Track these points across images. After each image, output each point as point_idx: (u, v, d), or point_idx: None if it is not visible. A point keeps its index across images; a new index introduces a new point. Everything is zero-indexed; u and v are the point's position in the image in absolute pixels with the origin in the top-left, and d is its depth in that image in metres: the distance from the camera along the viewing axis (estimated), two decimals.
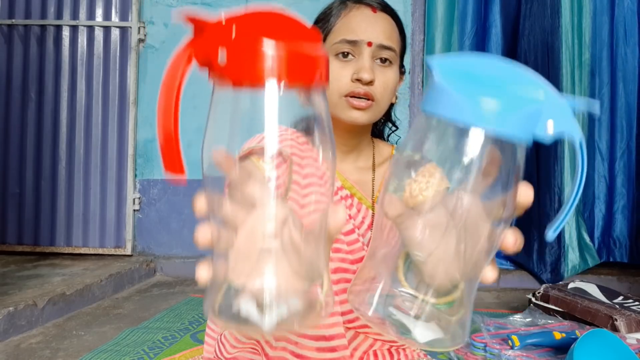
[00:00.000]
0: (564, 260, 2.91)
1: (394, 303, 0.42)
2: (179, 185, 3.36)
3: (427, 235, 0.42)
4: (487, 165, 0.40)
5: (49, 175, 3.33)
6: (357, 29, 0.83)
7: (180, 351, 1.85)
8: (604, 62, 3.16)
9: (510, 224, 0.42)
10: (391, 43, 0.83)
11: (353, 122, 0.83)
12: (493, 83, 0.39)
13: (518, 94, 0.39)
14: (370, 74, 0.80)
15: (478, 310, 2.34)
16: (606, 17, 3.14)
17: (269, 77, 0.34)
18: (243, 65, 0.34)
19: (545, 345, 1.72)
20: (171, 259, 3.29)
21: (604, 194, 3.19)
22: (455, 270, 0.42)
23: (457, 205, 0.41)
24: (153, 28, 3.37)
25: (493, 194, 0.41)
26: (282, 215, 0.39)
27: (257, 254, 0.38)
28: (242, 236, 0.39)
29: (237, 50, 0.34)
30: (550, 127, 0.40)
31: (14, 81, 3.34)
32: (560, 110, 0.40)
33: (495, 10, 3.24)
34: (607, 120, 3.18)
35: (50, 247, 3.30)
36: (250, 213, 0.39)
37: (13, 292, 2.31)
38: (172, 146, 0.35)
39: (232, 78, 0.35)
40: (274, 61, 0.34)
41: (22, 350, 1.91)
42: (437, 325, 0.42)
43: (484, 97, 0.38)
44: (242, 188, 0.39)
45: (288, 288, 0.38)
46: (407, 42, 0.96)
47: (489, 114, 0.37)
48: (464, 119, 0.38)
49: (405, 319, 0.42)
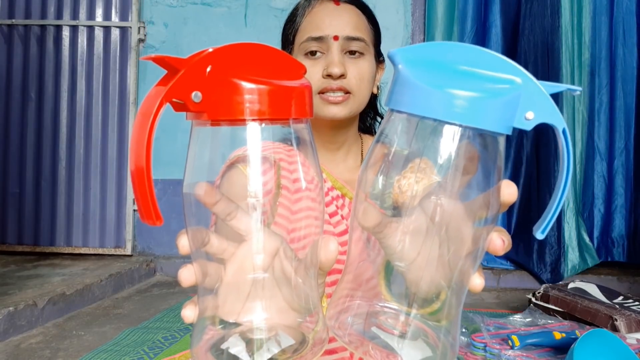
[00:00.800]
0: (564, 260, 2.91)
1: (376, 322, 0.39)
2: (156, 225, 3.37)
3: (407, 242, 0.39)
4: (465, 162, 0.37)
5: (49, 175, 3.33)
6: (321, 24, 0.81)
7: (180, 351, 1.85)
8: (603, 62, 3.16)
9: (495, 224, 0.39)
10: (359, 33, 0.82)
11: (333, 117, 0.81)
12: (464, 72, 0.35)
13: (492, 82, 0.35)
14: (340, 68, 0.79)
15: (478, 310, 2.34)
16: (605, 18, 3.14)
17: (247, 116, 0.34)
18: (219, 105, 0.34)
19: (545, 345, 1.72)
20: (171, 259, 3.29)
21: (603, 194, 3.19)
22: (440, 277, 0.39)
23: (436, 207, 0.38)
24: (153, 28, 3.38)
25: (474, 192, 0.38)
26: (273, 247, 0.38)
27: (247, 289, 0.37)
28: (231, 271, 0.37)
29: (213, 91, 0.34)
30: (529, 116, 0.36)
31: (14, 81, 3.34)
32: (539, 96, 0.35)
33: (495, 10, 3.24)
34: (606, 120, 3.18)
35: (50, 247, 3.30)
36: (238, 246, 0.38)
37: (13, 292, 2.31)
38: (145, 190, 0.33)
39: (209, 117, 0.34)
40: (250, 102, 0.33)
41: (22, 350, 1.91)
42: (425, 343, 0.38)
43: (455, 89, 0.34)
44: (229, 215, 0.38)
45: (279, 324, 0.36)
46: (407, 42, 0.96)
47: (461, 107, 0.33)
48: (434, 114, 0.34)
49: (390, 339, 0.38)
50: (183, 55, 0.34)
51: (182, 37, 3.37)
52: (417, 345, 0.38)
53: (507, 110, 0.35)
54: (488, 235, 0.38)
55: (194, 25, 3.37)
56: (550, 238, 2.95)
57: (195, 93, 0.33)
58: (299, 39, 0.83)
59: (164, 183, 3.38)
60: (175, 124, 3.36)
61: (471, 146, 0.36)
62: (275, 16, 3.33)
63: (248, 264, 0.37)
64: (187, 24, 3.37)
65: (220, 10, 3.37)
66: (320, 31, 0.81)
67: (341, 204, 0.86)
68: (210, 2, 3.37)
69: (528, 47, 3.12)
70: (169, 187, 3.38)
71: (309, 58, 0.82)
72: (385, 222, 0.40)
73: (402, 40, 3.27)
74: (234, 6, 3.37)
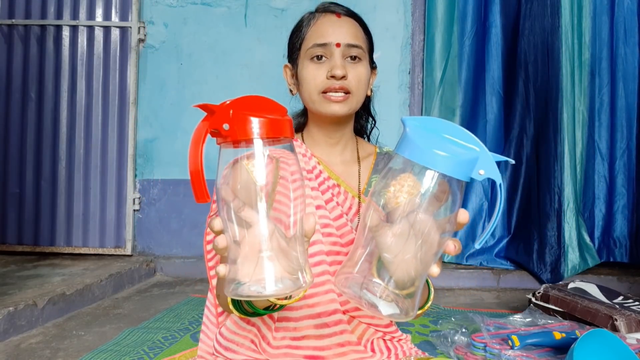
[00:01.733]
0: (564, 260, 2.91)
1: (366, 287, 0.61)
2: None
3: (394, 242, 0.60)
4: (438, 194, 0.58)
5: (49, 175, 3.33)
6: (325, 33, 0.95)
7: (180, 351, 1.85)
8: (603, 62, 3.16)
9: (452, 235, 0.61)
10: (357, 41, 0.95)
11: (334, 114, 0.95)
12: (445, 139, 0.58)
13: (461, 148, 0.57)
14: (342, 70, 0.92)
15: (478, 310, 2.34)
16: (606, 17, 3.14)
17: (256, 137, 0.57)
18: (239, 131, 0.56)
19: (545, 345, 1.72)
20: (171, 259, 3.29)
21: (604, 194, 3.19)
22: (412, 269, 0.61)
23: (416, 220, 0.59)
24: (153, 28, 3.38)
25: (442, 214, 0.59)
26: (270, 230, 0.58)
27: (255, 260, 0.58)
28: (245, 248, 0.59)
29: (234, 123, 0.56)
30: (482, 172, 0.58)
31: (14, 81, 3.34)
32: (488, 161, 0.57)
33: (495, 10, 3.24)
34: (607, 120, 3.18)
35: (50, 247, 3.30)
36: (249, 231, 0.59)
37: (13, 292, 2.31)
38: (200, 183, 0.56)
39: (232, 139, 0.57)
40: (257, 128, 0.57)
41: (22, 350, 1.91)
42: (395, 304, 0.61)
43: (438, 150, 0.56)
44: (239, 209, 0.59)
45: (282, 274, 0.58)
46: (407, 42, 1.07)
47: (440, 161, 0.56)
48: (424, 163, 0.56)
49: (374, 299, 0.61)
50: (183, 55, 0.41)
51: (182, 37, 3.37)
52: (389, 305, 0.61)
53: (468, 167, 0.57)
54: (446, 242, 0.61)
55: (194, 25, 3.37)
56: (551, 238, 2.95)
57: (225, 124, 0.56)
58: (305, 46, 0.96)
59: (164, 183, 3.38)
60: (175, 125, 3.36)
61: (444, 185, 0.58)
62: (275, 16, 3.33)
63: (256, 243, 0.58)
64: (187, 24, 3.37)
65: (220, 10, 3.37)
66: (324, 39, 0.94)
67: (337, 192, 0.99)
68: (210, 2, 3.37)
69: (528, 47, 3.12)
70: (168, 187, 3.38)
71: (314, 62, 0.95)
72: (381, 225, 0.61)
73: (402, 40, 3.27)
74: (234, 6, 3.37)
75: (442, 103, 3.24)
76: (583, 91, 3.09)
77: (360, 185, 1.01)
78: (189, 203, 3.35)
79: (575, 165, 3.02)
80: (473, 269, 3.10)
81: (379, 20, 3.23)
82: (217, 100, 0.60)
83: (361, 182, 1.01)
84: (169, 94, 3.37)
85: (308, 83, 0.95)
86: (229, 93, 3.71)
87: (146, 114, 3.38)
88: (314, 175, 0.97)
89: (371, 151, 1.06)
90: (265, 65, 3.26)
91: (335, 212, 0.96)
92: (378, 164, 1.04)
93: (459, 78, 3.25)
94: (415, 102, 3.28)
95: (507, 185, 3.24)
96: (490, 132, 3.26)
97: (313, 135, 1.02)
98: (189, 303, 2.55)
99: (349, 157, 1.03)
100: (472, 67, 3.26)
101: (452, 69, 3.24)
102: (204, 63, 3.36)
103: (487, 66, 3.26)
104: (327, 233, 0.93)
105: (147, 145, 3.38)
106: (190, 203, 3.33)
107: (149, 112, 3.38)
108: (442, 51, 3.23)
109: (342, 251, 0.94)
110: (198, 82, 3.36)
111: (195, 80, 3.37)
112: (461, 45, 3.24)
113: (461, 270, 3.07)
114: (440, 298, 2.73)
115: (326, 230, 0.94)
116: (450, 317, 2.19)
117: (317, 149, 1.01)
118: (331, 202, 0.96)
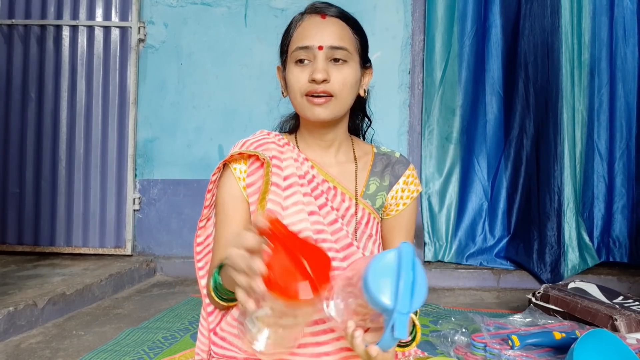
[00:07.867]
0: (564, 260, 2.91)
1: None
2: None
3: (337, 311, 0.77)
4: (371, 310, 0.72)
5: (49, 175, 3.33)
6: (308, 35, 0.93)
7: (180, 351, 1.85)
8: (603, 62, 3.16)
9: None
10: (342, 43, 0.92)
11: (316, 118, 0.93)
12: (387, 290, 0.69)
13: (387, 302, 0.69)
14: (323, 74, 0.90)
15: (478, 310, 2.34)
16: (605, 17, 3.14)
17: None
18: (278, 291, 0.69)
19: (545, 345, 1.72)
20: (171, 259, 3.29)
21: (603, 194, 3.19)
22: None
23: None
24: (153, 28, 3.38)
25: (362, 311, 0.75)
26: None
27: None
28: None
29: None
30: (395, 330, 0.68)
31: (14, 81, 3.34)
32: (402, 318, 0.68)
33: (495, 10, 3.24)
34: (607, 120, 3.18)
35: (50, 247, 3.30)
36: None
37: (13, 292, 2.31)
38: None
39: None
40: None
41: (22, 350, 1.91)
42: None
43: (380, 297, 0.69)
44: None
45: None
46: (407, 42, 1.05)
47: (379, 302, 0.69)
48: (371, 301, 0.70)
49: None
50: (183, 55, 0.39)
51: (182, 37, 3.37)
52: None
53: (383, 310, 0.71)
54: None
55: (194, 25, 3.37)
56: (550, 238, 2.95)
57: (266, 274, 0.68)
58: (291, 49, 0.94)
59: (164, 183, 3.38)
60: (175, 125, 3.36)
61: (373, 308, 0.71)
62: (275, 16, 3.33)
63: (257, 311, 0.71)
64: (187, 24, 3.37)
65: (220, 10, 3.37)
66: (307, 41, 0.92)
67: (332, 195, 0.97)
68: (210, 2, 3.37)
69: (528, 47, 3.12)
70: (168, 187, 3.38)
71: (298, 65, 0.93)
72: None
73: (402, 40, 3.27)
74: (234, 6, 3.37)
75: (442, 103, 3.24)
76: (582, 91, 3.09)
77: (357, 186, 0.99)
78: (189, 203, 3.35)
79: (575, 165, 3.02)
80: (473, 269, 3.10)
81: (379, 20, 3.23)
82: (216, 99, 0.54)
83: (358, 183, 1.00)
84: (169, 94, 3.37)
85: (292, 86, 0.94)
86: (229, 93, 3.72)
87: (146, 114, 3.38)
88: (306, 180, 0.95)
89: (368, 150, 1.05)
90: (265, 65, 3.26)
91: (329, 217, 0.94)
92: (376, 165, 1.03)
93: (459, 78, 3.25)
94: (415, 102, 3.28)
95: (507, 185, 3.25)
96: (490, 132, 3.26)
97: (305, 138, 1.01)
98: (189, 303, 2.55)
99: (344, 157, 1.02)
100: (472, 67, 3.26)
101: (452, 69, 3.24)
102: (204, 63, 3.36)
103: (487, 66, 3.26)
104: (321, 239, 0.92)
105: (147, 145, 3.38)
106: (190, 203, 3.33)
107: (149, 112, 3.38)
108: (442, 51, 3.23)
109: (337, 256, 0.92)
110: (198, 82, 3.36)
111: (195, 80, 3.36)
112: (461, 45, 3.24)
113: (461, 270, 3.07)
114: (440, 298, 2.73)
115: (320, 236, 0.92)
116: (450, 317, 2.20)
117: (310, 152, 1.00)
118: (325, 207, 0.95)
